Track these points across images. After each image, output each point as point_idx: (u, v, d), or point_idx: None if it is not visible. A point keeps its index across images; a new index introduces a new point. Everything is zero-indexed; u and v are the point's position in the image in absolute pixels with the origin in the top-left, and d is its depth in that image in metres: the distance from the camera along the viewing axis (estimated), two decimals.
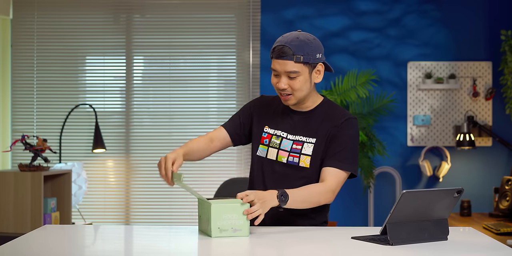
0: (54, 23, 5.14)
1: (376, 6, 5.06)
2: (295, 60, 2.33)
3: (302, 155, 2.44)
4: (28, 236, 2.17)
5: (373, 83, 4.93)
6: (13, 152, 5.04)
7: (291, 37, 2.36)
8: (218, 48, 5.13)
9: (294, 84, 2.37)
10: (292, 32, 2.40)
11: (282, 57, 2.34)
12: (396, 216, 2.04)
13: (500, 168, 5.01)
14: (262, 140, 2.51)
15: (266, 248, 2.03)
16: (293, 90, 2.38)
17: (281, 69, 2.35)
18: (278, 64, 2.35)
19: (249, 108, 2.58)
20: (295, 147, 2.45)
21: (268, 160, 2.49)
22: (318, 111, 2.49)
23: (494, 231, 3.73)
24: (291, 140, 2.46)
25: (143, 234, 2.41)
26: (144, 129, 5.13)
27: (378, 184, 5.01)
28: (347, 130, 2.43)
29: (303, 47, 2.34)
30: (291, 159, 2.45)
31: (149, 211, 5.09)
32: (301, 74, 2.36)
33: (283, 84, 2.36)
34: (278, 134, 2.48)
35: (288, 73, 2.35)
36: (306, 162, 2.44)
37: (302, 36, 2.37)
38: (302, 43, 2.35)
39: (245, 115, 2.56)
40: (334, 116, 2.46)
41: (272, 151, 2.48)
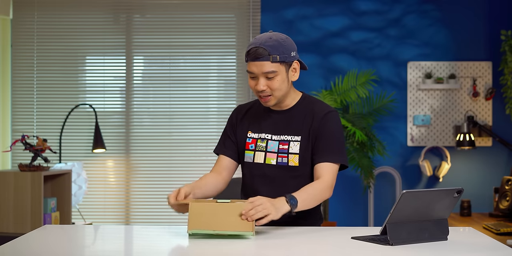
0: (54, 23, 5.14)
1: (376, 6, 5.06)
2: (272, 60, 2.34)
3: (290, 154, 2.44)
4: (28, 236, 2.17)
5: (373, 83, 4.93)
6: (13, 152, 5.04)
7: (264, 38, 2.37)
8: (218, 48, 5.13)
9: (272, 84, 2.37)
10: (264, 33, 2.41)
11: (258, 59, 2.33)
12: (396, 216, 2.04)
13: (500, 168, 5.01)
14: (246, 145, 2.51)
15: (266, 248, 2.03)
16: (272, 90, 2.38)
17: (258, 71, 2.35)
18: (254, 66, 2.35)
19: (231, 122, 2.59)
20: (282, 147, 2.46)
21: (256, 164, 2.48)
22: (298, 108, 2.49)
23: (494, 231, 3.73)
24: (276, 140, 2.46)
25: (143, 234, 2.41)
26: (144, 129, 5.13)
27: (378, 184, 5.01)
28: (329, 123, 2.44)
29: (277, 46, 2.35)
30: (280, 160, 2.45)
31: (149, 211, 5.09)
32: (278, 73, 2.36)
33: (261, 86, 2.36)
34: (263, 137, 2.48)
35: (266, 74, 2.35)
36: (295, 160, 2.44)
37: (275, 36, 2.38)
38: (276, 43, 2.35)
39: (231, 132, 2.57)
40: (314, 111, 2.47)
41: (259, 154, 2.48)
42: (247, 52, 2.37)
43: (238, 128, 2.55)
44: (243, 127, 2.54)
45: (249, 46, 2.38)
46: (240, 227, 2.08)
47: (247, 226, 2.08)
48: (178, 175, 5.08)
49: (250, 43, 2.40)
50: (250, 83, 2.41)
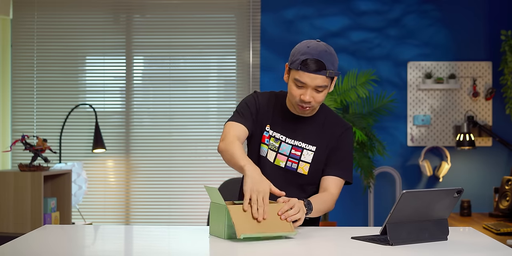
0: (54, 23, 5.14)
1: (376, 6, 5.06)
2: (328, 75, 2.31)
3: (301, 162, 2.45)
4: (28, 236, 2.17)
5: (373, 83, 4.93)
6: (13, 152, 5.04)
7: (321, 49, 2.31)
8: (218, 48, 5.13)
9: (319, 97, 2.35)
10: (316, 43, 2.34)
11: (315, 72, 2.29)
12: (396, 216, 2.04)
13: (500, 168, 5.01)
14: (263, 139, 2.49)
15: (266, 248, 2.03)
16: (315, 103, 2.37)
17: (312, 83, 2.31)
18: (308, 77, 2.30)
19: (255, 104, 2.49)
20: (294, 153, 2.46)
21: (268, 161, 2.48)
22: (318, 118, 2.50)
23: (494, 231, 3.73)
24: (289, 144, 2.46)
25: (143, 234, 2.41)
26: (144, 129, 5.13)
27: (378, 184, 5.01)
28: (347, 140, 2.50)
29: (332, 61, 2.32)
30: (290, 164, 2.46)
31: (149, 211, 5.09)
32: (327, 87, 2.35)
33: (308, 97, 2.33)
34: (277, 137, 2.47)
35: (317, 87, 2.32)
36: (304, 169, 2.45)
37: (328, 49, 2.34)
38: (331, 57, 2.32)
39: (254, 112, 2.48)
40: (334, 125, 2.49)
41: (270, 153, 2.47)
42: (302, 61, 2.30)
43: (260, 114, 2.48)
44: (264, 117, 2.49)
45: (302, 54, 2.31)
46: (283, 228, 2.10)
47: (287, 226, 2.11)
48: (178, 175, 5.08)
49: (301, 50, 2.32)
50: (294, 92, 2.35)
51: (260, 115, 2.50)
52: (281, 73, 5.03)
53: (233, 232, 2.07)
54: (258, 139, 2.50)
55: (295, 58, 2.33)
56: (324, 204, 2.37)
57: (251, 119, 2.46)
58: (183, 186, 5.07)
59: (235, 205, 2.14)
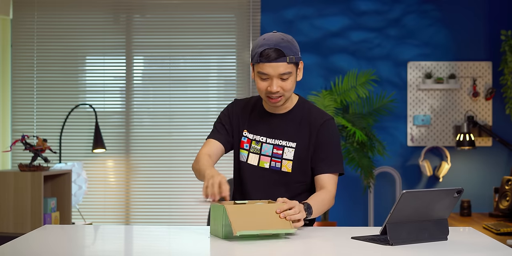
0: (54, 23, 5.14)
1: (376, 6, 5.06)
2: (288, 61, 2.32)
3: (284, 160, 2.46)
4: (28, 236, 2.17)
5: (373, 83, 4.93)
6: (13, 152, 5.04)
7: (276, 39, 2.34)
8: (218, 48, 5.13)
9: (286, 85, 2.36)
10: (272, 34, 2.38)
11: (275, 60, 2.31)
12: (396, 216, 2.04)
13: (500, 168, 5.01)
14: (241, 144, 2.51)
15: (266, 248, 2.03)
16: (285, 91, 2.37)
17: (274, 72, 2.33)
18: (270, 67, 2.32)
19: (227, 114, 2.56)
20: (276, 152, 2.46)
21: (250, 165, 2.49)
22: (295, 113, 2.50)
23: (494, 231, 3.73)
24: (270, 144, 2.47)
25: (143, 234, 2.41)
26: (144, 129, 5.13)
27: (378, 184, 5.01)
28: (327, 132, 2.47)
29: (290, 47, 2.34)
30: (273, 164, 2.46)
31: (149, 211, 5.09)
32: (292, 74, 2.36)
33: (275, 87, 2.34)
34: (258, 139, 2.48)
35: (281, 75, 2.33)
36: (288, 167, 2.45)
37: (285, 37, 2.36)
38: (288, 43, 2.34)
39: (227, 121, 2.54)
40: (311, 119, 2.48)
41: (253, 156, 2.48)
42: (260, 53, 2.32)
43: (234, 122, 2.54)
44: (239, 123, 2.53)
45: (259, 47, 2.34)
46: (281, 226, 2.10)
47: (286, 224, 2.11)
48: (178, 175, 5.08)
49: (258, 44, 2.35)
50: (260, 85, 2.38)
51: (235, 123, 2.53)
52: None
53: (230, 231, 2.07)
54: (237, 146, 2.53)
55: (254, 52, 2.37)
56: (323, 203, 2.38)
57: (224, 131, 2.53)
58: (183, 186, 5.07)
59: (233, 205, 2.14)
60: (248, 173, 2.50)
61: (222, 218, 2.10)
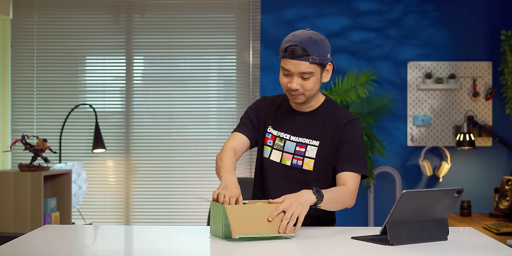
0: (54, 23, 5.14)
1: (376, 6, 5.06)
2: (311, 61, 2.31)
3: (306, 158, 2.44)
4: (28, 236, 2.17)
5: (373, 83, 4.93)
6: (13, 152, 5.04)
7: (304, 36, 2.32)
8: (218, 48, 5.13)
9: (306, 85, 2.35)
10: (302, 31, 2.36)
11: (297, 58, 2.30)
12: (396, 216, 2.04)
13: (500, 168, 5.01)
14: (265, 140, 2.51)
15: (266, 248, 2.03)
16: (305, 91, 2.36)
17: (295, 70, 2.32)
18: (292, 64, 2.32)
19: (254, 109, 2.56)
20: (299, 150, 2.45)
21: (272, 162, 2.48)
22: (321, 112, 2.48)
23: (494, 231, 3.73)
24: (294, 141, 2.46)
25: (143, 234, 2.41)
26: (144, 129, 5.13)
27: (378, 184, 5.01)
28: (352, 132, 2.44)
29: (317, 47, 2.31)
30: (295, 162, 2.45)
31: (149, 211, 5.09)
32: (314, 74, 2.34)
33: (295, 84, 2.34)
34: (281, 136, 2.48)
35: (302, 74, 2.32)
36: (309, 165, 2.43)
37: (314, 36, 2.34)
38: (315, 43, 2.32)
39: (254, 116, 2.54)
40: (336, 118, 2.46)
41: (276, 153, 2.48)
42: (285, 49, 2.32)
43: (260, 117, 2.54)
44: (265, 119, 2.53)
45: (286, 42, 2.34)
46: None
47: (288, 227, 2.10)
48: (178, 175, 5.08)
49: (287, 39, 2.35)
50: (282, 80, 2.38)
51: (261, 118, 2.53)
52: None
53: (230, 231, 2.07)
54: (262, 142, 2.53)
55: (281, 47, 2.37)
56: (338, 195, 2.31)
57: (251, 126, 2.52)
58: (183, 186, 5.07)
59: (233, 205, 2.14)
60: (270, 169, 2.49)
61: (222, 218, 2.10)
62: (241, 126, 2.54)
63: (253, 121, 2.53)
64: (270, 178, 2.49)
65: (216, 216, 2.15)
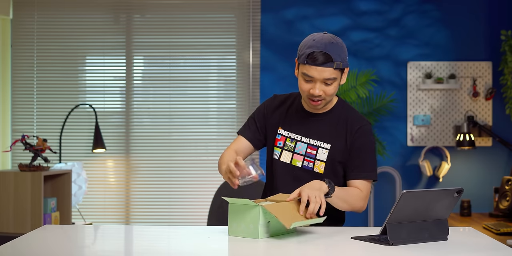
0: (54, 23, 5.14)
1: (376, 6, 5.06)
2: (335, 67, 2.29)
3: (317, 161, 2.43)
4: (28, 236, 2.17)
5: (373, 83, 4.93)
6: (13, 152, 5.04)
7: (326, 41, 2.30)
8: (218, 48, 5.13)
9: (329, 90, 2.33)
10: (322, 35, 2.34)
11: (322, 64, 2.27)
12: (396, 216, 2.04)
13: (500, 168, 5.01)
14: (276, 142, 2.48)
15: (266, 248, 2.03)
16: (327, 96, 2.34)
17: (319, 76, 2.29)
18: (316, 71, 2.28)
19: (263, 110, 2.53)
20: (310, 152, 2.43)
21: (282, 163, 2.46)
22: (333, 114, 2.46)
23: (494, 231, 3.73)
24: (305, 143, 2.44)
25: (143, 234, 2.41)
26: (144, 129, 5.13)
27: (378, 184, 5.01)
28: (364, 138, 2.43)
29: (339, 52, 2.30)
30: (306, 163, 2.44)
31: (149, 211, 5.09)
32: (337, 79, 2.32)
33: (318, 91, 2.31)
34: (292, 137, 2.46)
35: (326, 80, 2.30)
36: (320, 168, 2.42)
37: (335, 40, 2.32)
38: (338, 48, 2.30)
39: (260, 118, 2.52)
40: (349, 122, 2.44)
41: (286, 154, 2.46)
42: (307, 55, 2.28)
43: (269, 119, 2.51)
44: (274, 120, 2.50)
45: (308, 47, 2.30)
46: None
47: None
48: (178, 175, 5.08)
49: (307, 44, 2.32)
50: (303, 86, 2.34)
51: (270, 119, 2.51)
52: (281, 73, 5.03)
53: (267, 231, 2.11)
54: (272, 143, 2.50)
55: (302, 52, 2.32)
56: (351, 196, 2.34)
57: (254, 128, 2.51)
58: (183, 186, 5.07)
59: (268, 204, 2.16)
60: (280, 170, 2.47)
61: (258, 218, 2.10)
62: (245, 128, 2.54)
63: (258, 123, 2.51)
64: (279, 179, 2.48)
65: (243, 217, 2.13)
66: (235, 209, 2.16)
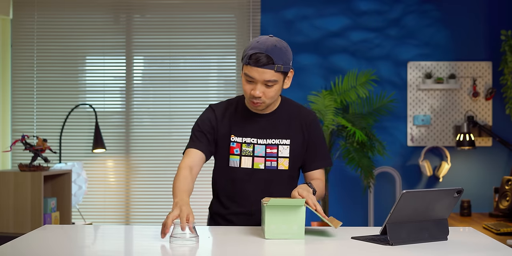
0: (54, 23, 5.14)
1: (376, 6, 5.06)
2: (276, 69, 2.29)
3: (280, 158, 2.45)
4: (28, 236, 2.17)
5: (373, 83, 4.93)
6: (13, 152, 5.04)
7: (269, 44, 2.30)
8: (218, 48, 5.13)
9: (269, 92, 2.33)
10: (267, 38, 2.34)
11: (263, 66, 2.28)
12: (396, 216, 2.04)
13: (500, 168, 5.01)
14: (231, 150, 2.45)
15: (265, 247, 2.03)
16: (267, 98, 2.35)
17: (260, 78, 2.29)
18: (256, 72, 2.29)
19: (208, 122, 2.47)
20: (270, 152, 2.45)
21: (244, 169, 2.45)
22: (282, 111, 2.49)
23: (494, 231, 3.73)
24: (262, 144, 2.45)
25: (143, 234, 2.41)
26: (144, 129, 5.13)
27: (378, 184, 5.01)
28: (318, 128, 2.53)
29: (281, 56, 2.30)
30: (269, 164, 2.45)
31: (149, 211, 5.09)
32: (278, 82, 2.33)
33: (258, 92, 2.31)
34: (248, 141, 2.45)
35: (266, 82, 2.30)
36: (285, 164, 2.46)
37: (279, 43, 2.32)
38: (280, 51, 2.30)
39: (208, 130, 2.46)
40: (301, 115, 2.51)
41: (246, 159, 2.45)
42: (250, 56, 2.29)
43: (218, 129, 2.47)
44: (224, 129, 2.47)
45: (251, 48, 2.31)
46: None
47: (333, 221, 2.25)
48: None
49: (251, 45, 2.32)
50: (245, 87, 2.34)
51: (220, 129, 2.47)
52: None
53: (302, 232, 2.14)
54: (226, 152, 2.46)
55: (245, 53, 2.33)
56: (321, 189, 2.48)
57: (205, 140, 2.45)
58: None
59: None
60: (242, 177, 2.45)
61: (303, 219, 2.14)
62: (195, 141, 2.44)
63: (208, 135, 2.45)
64: (243, 185, 2.46)
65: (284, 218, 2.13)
66: (274, 211, 2.13)
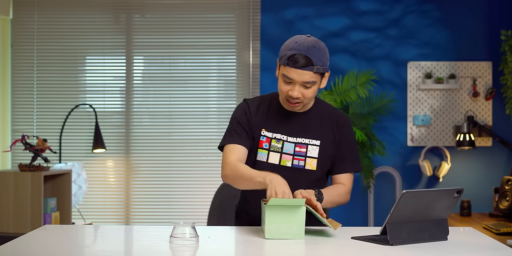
0: (54, 23, 5.14)
1: (376, 6, 5.06)
2: (315, 71, 2.29)
3: (308, 158, 2.44)
4: (28, 236, 2.17)
5: (373, 83, 4.93)
6: (13, 152, 5.04)
7: (308, 45, 2.29)
8: (218, 48, 5.13)
9: (308, 93, 2.34)
10: (305, 38, 2.33)
11: (302, 67, 2.28)
12: (396, 216, 2.04)
13: (500, 168, 5.01)
14: (260, 144, 2.46)
15: (265, 247, 2.03)
16: (304, 99, 2.36)
17: (299, 79, 2.30)
18: (295, 73, 2.29)
19: (245, 115, 2.48)
20: (299, 150, 2.44)
21: (270, 164, 2.45)
22: (315, 111, 2.49)
23: (494, 231, 3.73)
24: (292, 142, 2.44)
25: (143, 234, 2.41)
26: (144, 129, 5.13)
27: (378, 184, 5.01)
28: (350, 130, 2.50)
29: (321, 57, 2.31)
30: (296, 162, 2.44)
31: (149, 211, 5.09)
32: (316, 83, 2.33)
33: (297, 93, 2.32)
34: (278, 138, 2.45)
35: (305, 83, 2.31)
36: (312, 165, 2.44)
37: (317, 44, 2.32)
38: (319, 52, 2.31)
39: (246, 123, 2.47)
40: (332, 116, 2.49)
41: (274, 155, 2.45)
42: (288, 57, 2.29)
43: (252, 122, 2.47)
44: (257, 122, 2.48)
45: (289, 49, 2.30)
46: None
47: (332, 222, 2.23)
48: (178, 175, 5.08)
49: (289, 46, 2.31)
50: (282, 87, 2.34)
51: (253, 122, 2.48)
52: None
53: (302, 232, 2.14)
54: (255, 145, 2.47)
55: (283, 54, 2.33)
56: (337, 194, 2.42)
57: (245, 134, 2.45)
58: (183, 186, 5.07)
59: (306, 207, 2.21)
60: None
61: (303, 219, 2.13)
62: (234, 136, 2.44)
63: (246, 128, 2.46)
64: None
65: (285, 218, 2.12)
66: (274, 211, 2.13)
